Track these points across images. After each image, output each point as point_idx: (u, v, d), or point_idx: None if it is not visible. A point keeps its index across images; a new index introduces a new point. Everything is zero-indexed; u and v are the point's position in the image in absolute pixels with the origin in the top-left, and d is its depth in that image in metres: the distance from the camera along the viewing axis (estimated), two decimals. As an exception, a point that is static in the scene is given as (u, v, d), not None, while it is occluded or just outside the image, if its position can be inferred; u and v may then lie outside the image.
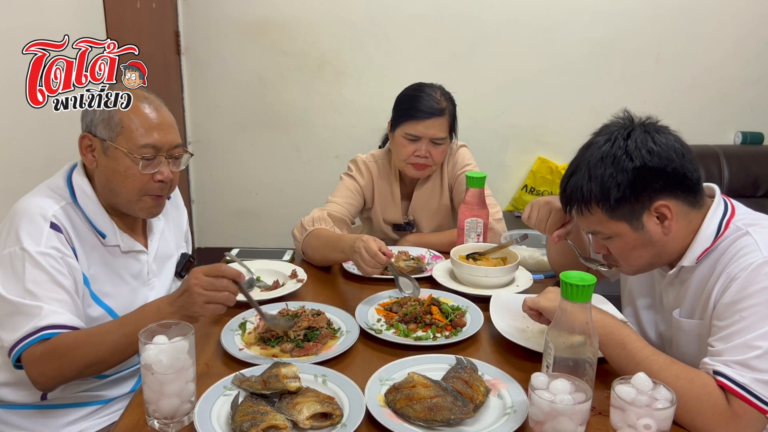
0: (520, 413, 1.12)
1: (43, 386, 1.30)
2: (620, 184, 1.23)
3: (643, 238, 1.27)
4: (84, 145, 1.38)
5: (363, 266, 1.58)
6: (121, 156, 1.34)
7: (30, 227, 1.30)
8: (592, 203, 1.26)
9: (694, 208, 1.27)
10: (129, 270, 1.47)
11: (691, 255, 1.28)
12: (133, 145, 1.34)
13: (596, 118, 1.43)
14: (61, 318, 1.26)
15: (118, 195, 1.38)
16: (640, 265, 1.33)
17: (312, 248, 1.85)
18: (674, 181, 1.23)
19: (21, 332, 1.25)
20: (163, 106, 1.41)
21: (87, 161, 1.39)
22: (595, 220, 1.28)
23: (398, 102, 2.07)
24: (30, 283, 1.26)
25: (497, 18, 3.38)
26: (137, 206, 1.40)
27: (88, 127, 1.37)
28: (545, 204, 1.58)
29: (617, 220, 1.26)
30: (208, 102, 3.58)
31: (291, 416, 1.08)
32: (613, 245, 1.31)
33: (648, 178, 1.22)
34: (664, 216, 1.25)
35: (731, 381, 1.08)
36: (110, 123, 1.34)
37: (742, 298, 1.14)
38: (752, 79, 3.46)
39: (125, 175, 1.35)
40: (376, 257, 1.55)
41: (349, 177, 2.13)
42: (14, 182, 1.91)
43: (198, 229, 3.80)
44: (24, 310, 1.25)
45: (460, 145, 2.16)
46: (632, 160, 1.22)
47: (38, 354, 1.24)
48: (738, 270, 1.17)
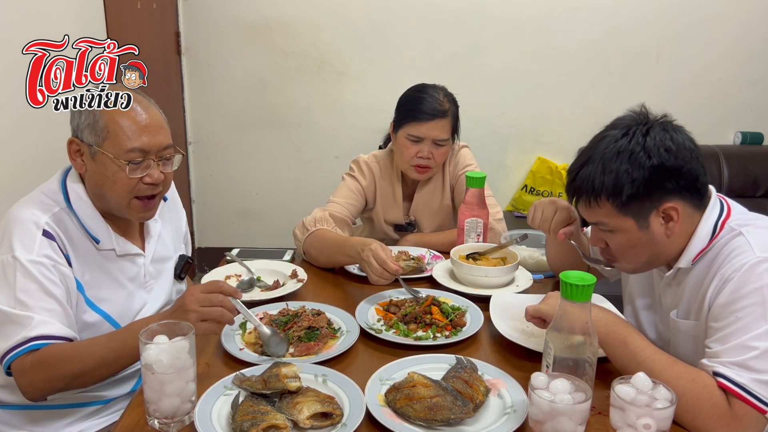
0: (520, 413, 1.12)
1: (31, 396, 1.29)
2: (635, 180, 1.21)
3: (646, 237, 1.26)
4: (72, 150, 1.36)
5: (371, 275, 1.57)
6: (108, 161, 1.32)
7: (22, 235, 1.29)
8: (603, 196, 1.25)
9: (697, 210, 1.27)
10: (125, 274, 1.46)
11: (687, 256, 1.28)
12: (119, 150, 1.31)
13: (596, 118, 1.43)
14: (51, 328, 1.26)
15: (108, 200, 1.37)
16: (637, 263, 1.33)
17: (316, 249, 1.85)
18: (687, 182, 1.23)
19: (11, 341, 1.24)
20: (153, 106, 1.38)
21: (76, 166, 1.37)
22: (603, 213, 1.27)
23: (401, 103, 2.07)
24: (21, 293, 1.26)
25: (497, 18, 3.38)
26: (127, 210, 1.39)
27: (75, 131, 1.35)
28: (550, 203, 1.58)
29: (625, 215, 1.25)
30: (208, 102, 3.58)
31: (291, 416, 1.08)
32: (614, 240, 1.30)
33: (663, 177, 1.21)
34: (670, 217, 1.24)
35: (731, 382, 1.08)
36: (95, 128, 1.32)
37: (737, 299, 1.14)
38: (752, 79, 3.46)
39: (113, 180, 1.33)
40: (384, 265, 1.54)
41: (351, 177, 2.13)
42: (14, 182, 1.91)
43: (198, 229, 3.80)
44: (14, 319, 1.25)
45: (461, 146, 2.16)
46: (650, 157, 1.21)
47: (28, 364, 1.24)
48: (731, 271, 1.17)
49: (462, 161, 2.14)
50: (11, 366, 1.26)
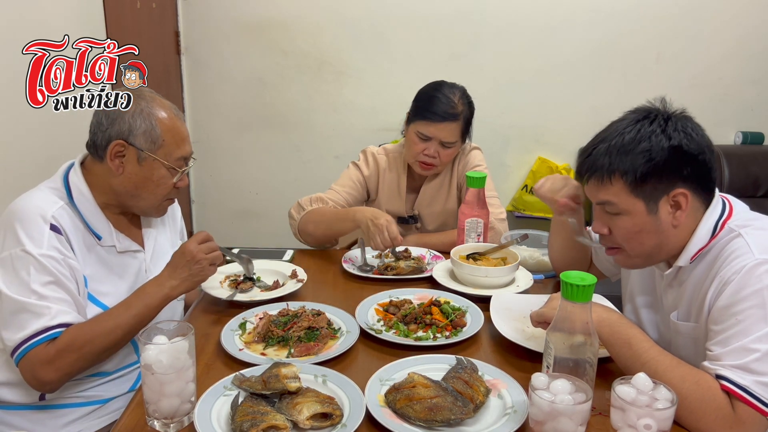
0: (521, 413, 1.12)
1: (50, 385, 1.30)
2: (652, 160, 1.21)
3: (653, 223, 1.25)
4: (114, 152, 1.38)
5: (378, 244, 1.75)
6: (159, 167, 1.40)
7: (30, 229, 1.30)
8: (617, 173, 1.24)
9: (702, 205, 1.27)
10: (126, 269, 1.48)
11: (686, 254, 1.27)
12: (171, 157, 1.41)
13: (596, 118, 1.43)
14: (69, 317, 1.29)
15: (142, 200, 1.44)
16: (640, 252, 1.30)
17: (314, 223, 1.93)
18: (700, 172, 1.23)
19: (28, 331, 1.25)
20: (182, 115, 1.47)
21: (113, 166, 1.39)
22: (613, 192, 1.25)
23: (417, 98, 2.08)
24: (36, 285, 1.27)
25: (497, 18, 3.38)
26: (155, 209, 1.49)
27: (122, 134, 1.37)
28: (562, 178, 1.60)
29: (636, 196, 1.24)
30: (208, 102, 3.58)
31: (291, 416, 1.07)
32: (620, 223, 1.28)
33: (679, 161, 1.21)
34: (678, 205, 1.23)
35: (734, 384, 1.08)
36: (152, 135, 1.38)
37: (737, 302, 1.13)
38: (752, 79, 3.46)
39: (157, 183, 1.42)
40: (394, 241, 1.74)
41: (355, 166, 2.18)
42: (14, 182, 1.90)
43: (198, 229, 3.79)
44: (31, 309, 1.26)
45: (473, 147, 2.17)
46: (670, 139, 1.21)
47: (53, 352, 1.26)
48: (731, 273, 1.16)
49: (472, 162, 2.14)
50: (27, 355, 1.26)
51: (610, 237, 1.32)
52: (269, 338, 1.39)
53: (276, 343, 1.38)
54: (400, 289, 1.67)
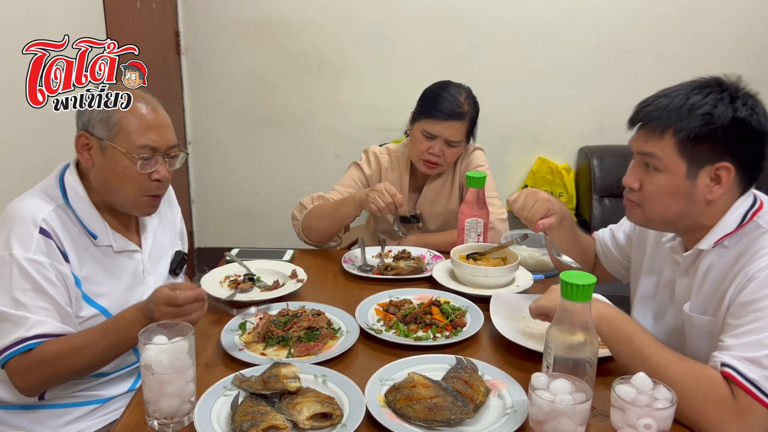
0: (521, 413, 1.12)
1: (28, 393, 1.31)
2: (711, 124, 1.20)
3: (687, 189, 1.23)
4: (80, 144, 1.37)
5: (378, 201, 1.77)
6: (120, 156, 1.34)
7: (20, 232, 1.30)
8: (671, 129, 1.22)
9: (739, 190, 1.25)
10: (123, 269, 1.47)
11: (711, 238, 1.26)
12: (131, 145, 1.34)
13: (597, 118, 1.43)
14: (46, 327, 1.27)
15: (116, 194, 1.39)
16: (661, 215, 1.28)
17: (317, 217, 1.95)
18: (752, 154, 1.22)
19: (6, 340, 1.26)
20: (160, 107, 1.41)
21: (83, 159, 1.38)
22: (660, 146, 1.24)
23: (422, 97, 2.08)
24: (17, 292, 1.27)
25: (497, 18, 3.37)
26: (134, 205, 1.41)
27: (85, 125, 1.37)
28: (531, 193, 1.56)
29: (681, 156, 1.22)
30: (208, 102, 3.57)
31: (291, 416, 1.08)
32: (655, 180, 1.26)
33: (737, 135, 1.20)
34: (719, 179, 1.22)
35: (740, 375, 1.07)
36: (108, 123, 1.34)
37: (759, 299, 1.13)
38: (752, 79, 3.41)
39: (123, 174, 1.36)
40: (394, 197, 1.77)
41: (356, 166, 2.18)
42: (14, 182, 1.90)
43: (198, 229, 3.80)
44: (10, 318, 1.26)
45: (475, 147, 2.18)
46: (736, 111, 1.20)
47: (24, 364, 1.26)
48: (755, 270, 1.16)
49: (474, 162, 2.15)
50: (7, 364, 1.27)
51: (637, 193, 1.30)
52: (269, 338, 1.39)
53: (276, 343, 1.38)
54: (400, 289, 1.67)
